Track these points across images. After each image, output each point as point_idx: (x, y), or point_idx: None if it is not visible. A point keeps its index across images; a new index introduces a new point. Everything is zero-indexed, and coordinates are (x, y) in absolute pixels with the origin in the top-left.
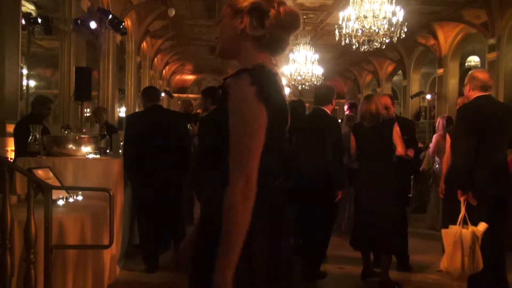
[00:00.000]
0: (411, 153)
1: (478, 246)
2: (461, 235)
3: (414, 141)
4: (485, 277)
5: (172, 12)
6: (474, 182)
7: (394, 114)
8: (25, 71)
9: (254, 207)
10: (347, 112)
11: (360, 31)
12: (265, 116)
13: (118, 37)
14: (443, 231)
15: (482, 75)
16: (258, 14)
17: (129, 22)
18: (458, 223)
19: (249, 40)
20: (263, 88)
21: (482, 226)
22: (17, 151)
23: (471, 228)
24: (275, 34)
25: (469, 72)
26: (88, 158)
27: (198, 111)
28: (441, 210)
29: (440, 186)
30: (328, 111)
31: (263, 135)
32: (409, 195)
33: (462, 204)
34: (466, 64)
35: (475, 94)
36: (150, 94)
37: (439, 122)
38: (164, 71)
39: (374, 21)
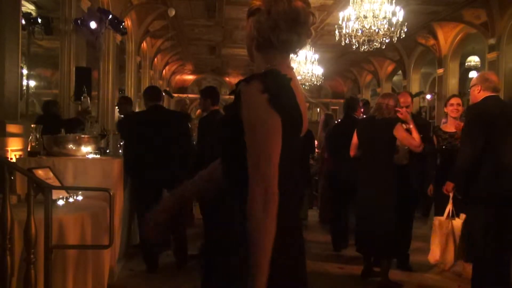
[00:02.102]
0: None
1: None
2: (453, 226)
3: (428, 139)
4: (488, 277)
5: (172, 12)
6: (481, 179)
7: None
8: (25, 71)
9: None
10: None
11: (360, 31)
12: (279, 124)
13: (118, 37)
14: (437, 221)
15: (494, 77)
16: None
17: (129, 22)
18: (445, 216)
19: (253, 43)
20: (275, 95)
21: (462, 217)
22: None
23: (460, 219)
24: (266, 36)
25: (479, 74)
26: (88, 158)
27: (198, 111)
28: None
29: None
30: (357, 116)
31: (279, 143)
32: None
33: (450, 197)
34: (466, 64)
35: (486, 95)
36: (150, 94)
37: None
38: (164, 71)
39: (374, 21)
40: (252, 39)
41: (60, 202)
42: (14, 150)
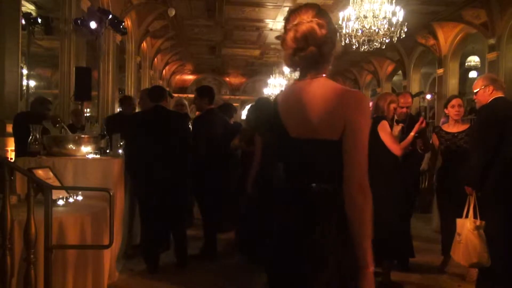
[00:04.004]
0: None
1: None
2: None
3: (425, 139)
4: (496, 276)
5: (172, 12)
6: (492, 178)
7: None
8: (25, 71)
9: None
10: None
11: (360, 31)
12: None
13: (118, 37)
14: (460, 222)
15: (498, 78)
16: None
17: (129, 22)
18: (466, 215)
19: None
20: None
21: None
22: (16, 145)
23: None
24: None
25: (484, 76)
26: (88, 158)
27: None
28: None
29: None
30: None
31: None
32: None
33: (472, 197)
34: (466, 64)
35: (498, 95)
36: (151, 94)
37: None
38: (164, 71)
39: (374, 21)
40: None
41: (60, 202)
42: (14, 150)
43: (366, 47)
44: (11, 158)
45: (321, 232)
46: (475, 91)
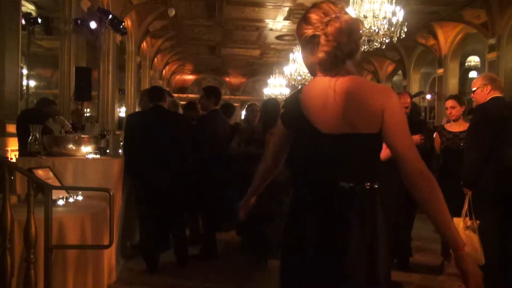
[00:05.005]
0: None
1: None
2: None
3: (428, 138)
4: (494, 275)
5: (172, 12)
6: (487, 179)
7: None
8: (25, 71)
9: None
10: None
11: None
12: (281, 127)
13: (118, 37)
14: (456, 221)
15: (498, 77)
16: None
17: (129, 22)
18: (463, 215)
19: (320, 64)
20: (283, 108)
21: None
22: (19, 145)
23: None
24: (332, 54)
25: (483, 75)
26: (88, 158)
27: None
28: None
29: None
30: None
31: (276, 141)
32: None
33: (467, 197)
34: (466, 64)
35: (495, 94)
36: (150, 95)
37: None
38: (164, 71)
39: (374, 21)
40: (318, 61)
41: (60, 202)
42: (14, 150)
43: (366, 47)
44: (11, 158)
45: (357, 235)
46: (473, 89)
